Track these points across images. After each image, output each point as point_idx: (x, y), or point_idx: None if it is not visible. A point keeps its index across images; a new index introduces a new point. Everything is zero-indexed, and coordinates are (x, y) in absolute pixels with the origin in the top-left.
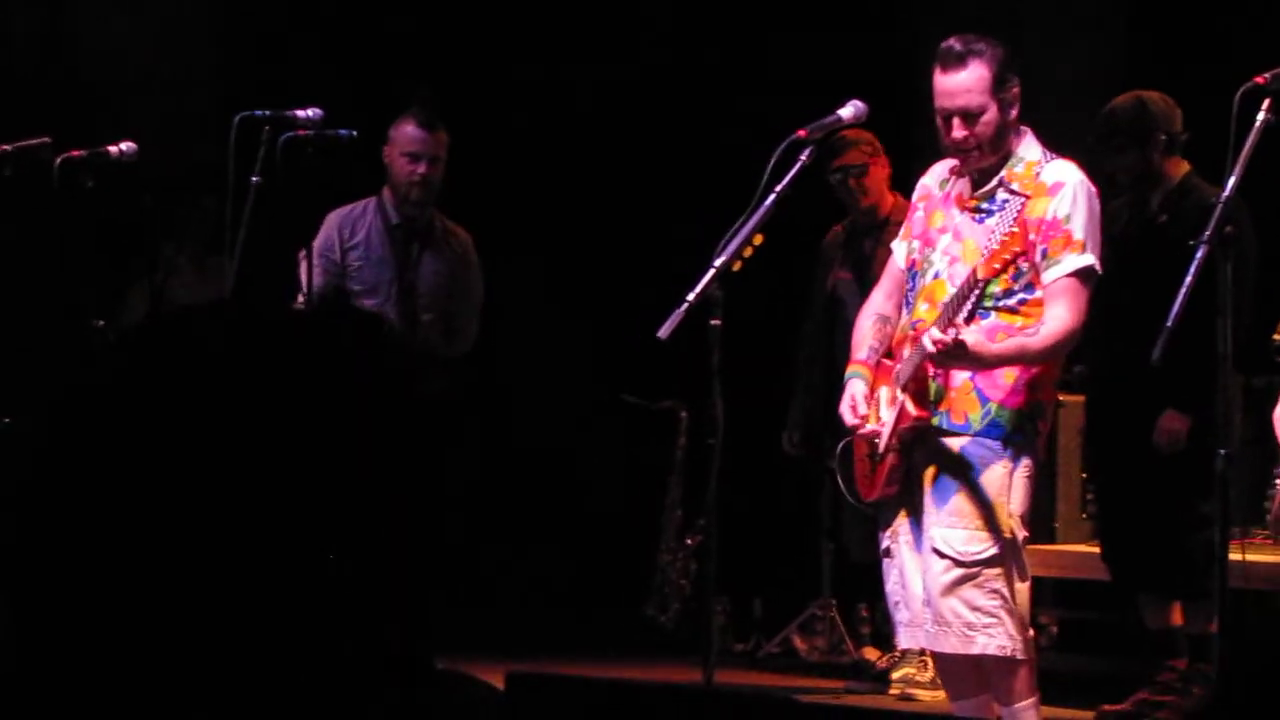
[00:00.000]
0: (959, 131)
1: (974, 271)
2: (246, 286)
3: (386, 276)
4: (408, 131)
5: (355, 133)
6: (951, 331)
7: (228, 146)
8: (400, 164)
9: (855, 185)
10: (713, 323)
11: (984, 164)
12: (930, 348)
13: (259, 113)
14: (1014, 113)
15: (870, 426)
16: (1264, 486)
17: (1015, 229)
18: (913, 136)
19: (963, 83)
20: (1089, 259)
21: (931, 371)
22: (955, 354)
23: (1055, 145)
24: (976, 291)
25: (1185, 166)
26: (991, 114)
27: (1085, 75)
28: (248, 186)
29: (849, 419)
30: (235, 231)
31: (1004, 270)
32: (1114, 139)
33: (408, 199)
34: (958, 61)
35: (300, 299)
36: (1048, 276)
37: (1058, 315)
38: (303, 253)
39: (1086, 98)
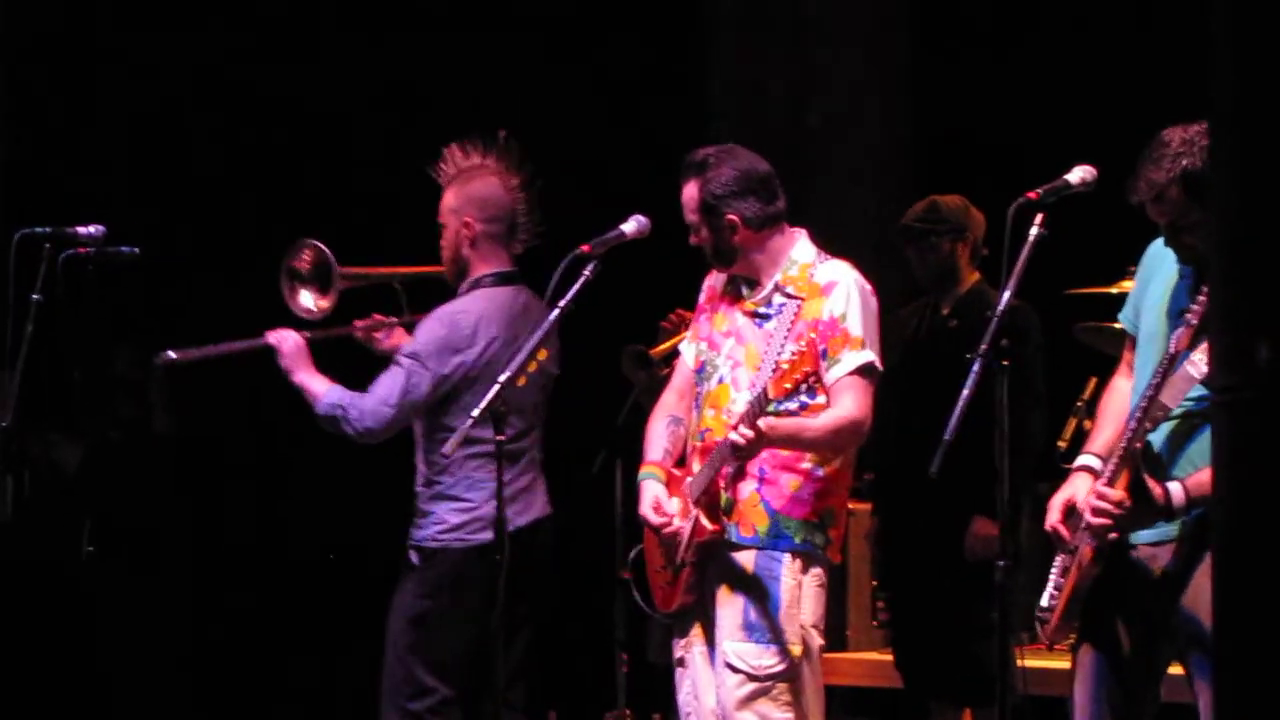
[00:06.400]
0: (691, 238)
1: (765, 391)
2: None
3: None
4: None
5: (138, 250)
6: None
7: (7, 264)
8: None
9: None
10: (498, 438)
11: (725, 271)
12: (739, 440)
13: (39, 229)
14: (737, 235)
15: (675, 525)
16: None
17: (804, 348)
18: None
19: (684, 196)
20: (869, 355)
21: (722, 484)
22: (757, 443)
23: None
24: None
25: (977, 275)
26: (704, 234)
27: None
28: (29, 304)
29: (654, 518)
30: (17, 349)
31: (795, 390)
32: (938, 226)
33: None
34: (683, 175)
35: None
36: (830, 377)
37: (841, 407)
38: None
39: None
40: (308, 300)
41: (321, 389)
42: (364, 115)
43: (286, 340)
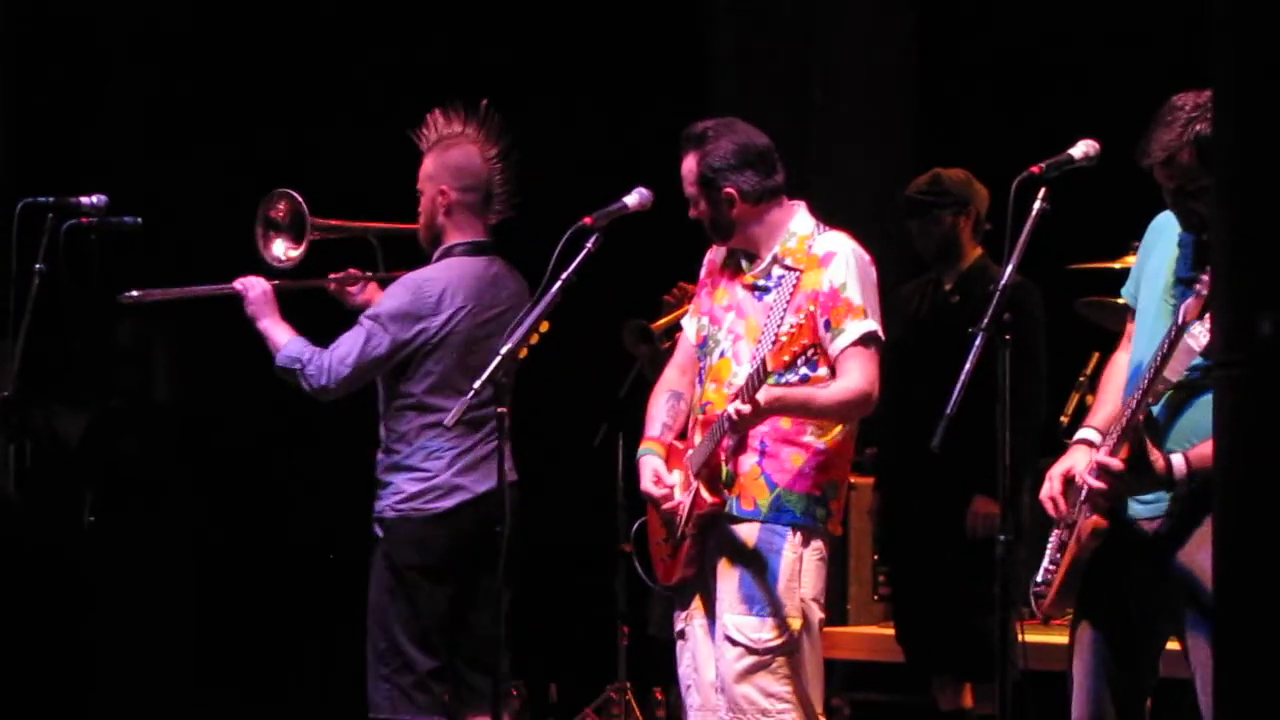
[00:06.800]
0: (691, 211)
1: (764, 363)
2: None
3: None
4: None
5: (140, 220)
6: (740, 405)
7: (10, 233)
8: None
9: None
10: (499, 410)
11: (724, 245)
12: (734, 416)
13: (41, 199)
14: (735, 209)
15: (676, 499)
16: None
17: (803, 320)
18: None
19: (683, 169)
20: (871, 324)
21: (723, 457)
22: (755, 416)
23: (834, 219)
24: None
25: (979, 250)
26: (703, 206)
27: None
28: (31, 274)
29: (655, 490)
30: (19, 319)
31: (793, 362)
32: (940, 199)
33: None
34: (682, 147)
35: None
36: (834, 348)
37: (849, 378)
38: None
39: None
40: (279, 249)
41: (283, 339)
42: (361, 82)
43: (254, 287)
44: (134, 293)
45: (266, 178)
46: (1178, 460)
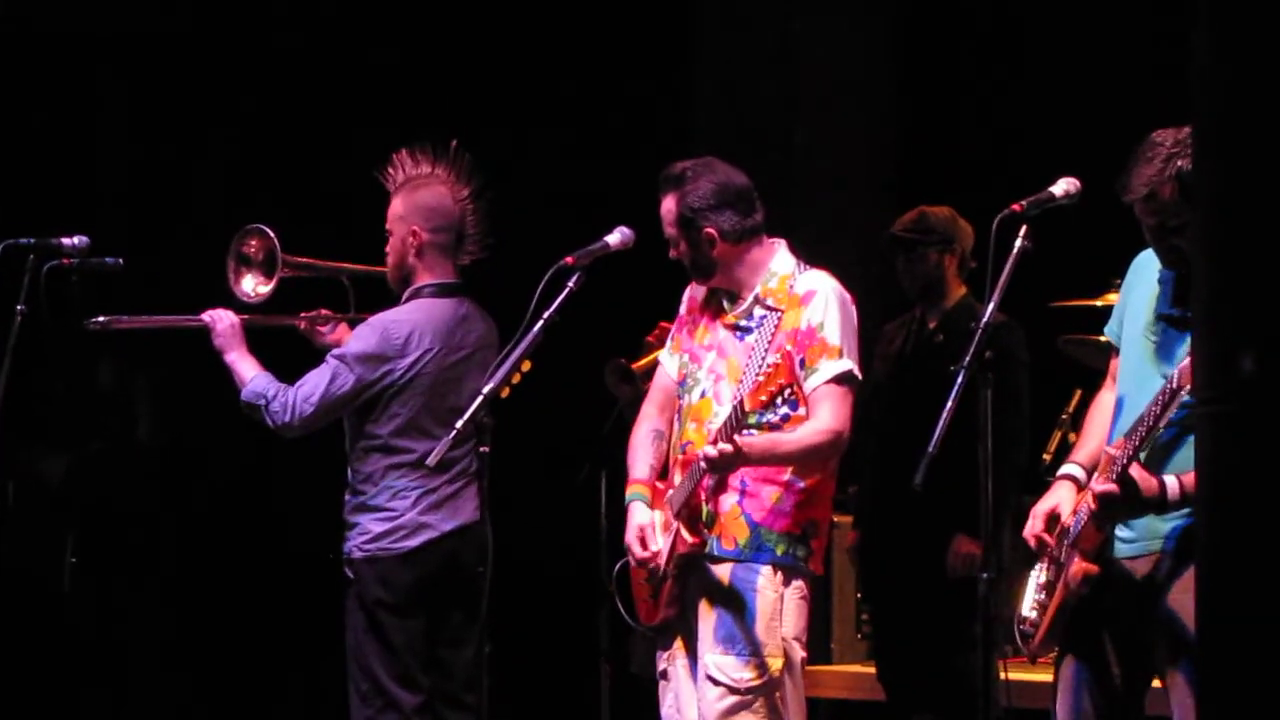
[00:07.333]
0: (671, 251)
1: (741, 404)
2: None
3: None
4: None
5: (122, 260)
6: (723, 445)
7: None
8: None
9: None
10: (481, 449)
11: (705, 284)
12: (713, 454)
13: (23, 240)
14: (716, 249)
15: (655, 546)
16: None
17: (780, 360)
18: None
19: (662, 210)
20: (847, 364)
21: (703, 496)
22: (729, 461)
23: (815, 259)
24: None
25: (964, 289)
26: (683, 247)
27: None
28: (12, 315)
29: (639, 552)
30: (0, 360)
31: (771, 402)
32: (926, 237)
33: None
34: (661, 188)
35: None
36: (808, 386)
37: (819, 418)
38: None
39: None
40: (249, 285)
41: (249, 374)
42: (339, 115)
43: (222, 320)
44: (100, 319)
45: (246, 219)
46: (1171, 481)
